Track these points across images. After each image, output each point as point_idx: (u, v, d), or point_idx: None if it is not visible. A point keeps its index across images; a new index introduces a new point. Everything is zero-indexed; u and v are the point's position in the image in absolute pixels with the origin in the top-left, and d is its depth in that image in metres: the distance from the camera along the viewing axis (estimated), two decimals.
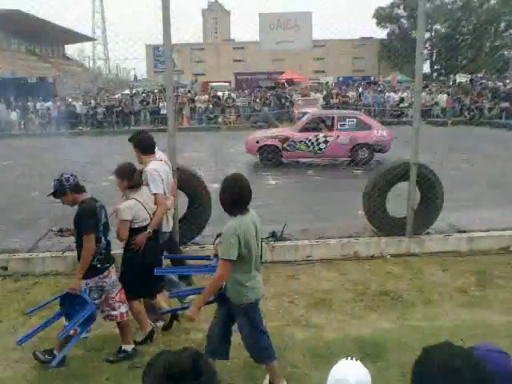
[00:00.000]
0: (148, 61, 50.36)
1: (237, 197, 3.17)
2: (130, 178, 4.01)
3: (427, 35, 60.78)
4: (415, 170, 6.07)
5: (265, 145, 13.16)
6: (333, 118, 13.22)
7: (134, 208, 3.97)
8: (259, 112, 24.81)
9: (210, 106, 25.64)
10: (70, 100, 26.58)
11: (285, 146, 12.99)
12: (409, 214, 6.21)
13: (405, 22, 62.75)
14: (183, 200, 6.23)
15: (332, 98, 26.85)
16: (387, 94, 26.89)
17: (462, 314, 4.61)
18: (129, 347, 3.98)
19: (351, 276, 5.55)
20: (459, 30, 60.67)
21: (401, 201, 6.37)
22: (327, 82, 40.28)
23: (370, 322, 4.51)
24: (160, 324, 4.45)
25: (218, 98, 26.76)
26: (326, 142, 12.73)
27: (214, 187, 9.83)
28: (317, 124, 13.35)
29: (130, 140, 4.56)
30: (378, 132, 12.74)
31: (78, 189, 3.71)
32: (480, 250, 6.21)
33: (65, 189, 3.64)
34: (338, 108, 23.83)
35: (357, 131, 12.70)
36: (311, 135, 12.82)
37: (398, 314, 4.63)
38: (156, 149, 4.64)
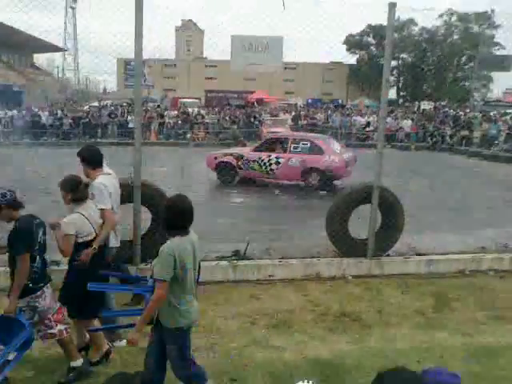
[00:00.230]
0: (119, 74, 49.98)
1: (177, 218, 3.15)
2: (75, 191, 3.90)
3: (394, 63, 62.92)
4: (377, 193, 6.17)
5: (221, 161, 13.16)
6: (287, 139, 13.12)
7: (78, 222, 3.86)
8: (228, 130, 24.92)
9: (179, 121, 25.59)
10: (36, 110, 26.02)
11: (239, 163, 12.95)
12: (370, 237, 6.31)
13: (374, 49, 64.66)
14: (147, 216, 6.13)
15: (300, 120, 27.23)
16: (354, 117, 27.48)
17: (419, 335, 4.68)
18: (77, 362, 3.84)
19: (313, 296, 5.57)
20: (425, 61, 63.02)
21: (363, 223, 6.47)
22: (296, 104, 40.85)
23: (330, 343, 4.52)
24: (118, 344, 4.34)
25: (188, 114, 26.75)
26: (277, 163, 12.58)
27: None
28: (273, 144, 13.24)
29: (77, 154, 4.46)
30: (330, 157, 12.35)
31: (15, 205, 3.58)
32: (438, 273, 6.36)
33: (0, 205, 3.52)
34: (306, 130, 24.22)
35: (308, 154, 12.48)
36: (264, 155, 12.70)
37: (358, 336, 4.66)
38: (104, 163, 4.56)
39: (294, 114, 29.07)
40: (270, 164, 12.61)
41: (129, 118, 24.35)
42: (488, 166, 18.32)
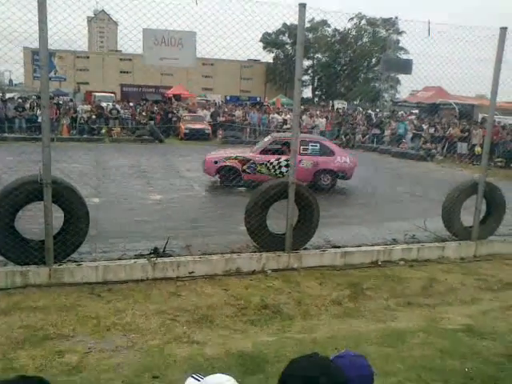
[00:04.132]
0: (27, 65, 46.95)
1: None
2: None
3: (309, 63, 64.92)
4: (293, 189, 6.33)
5: (223, 166, 12.49)
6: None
7: None
8: (145, 125, 24.33)
9: (93, 116, 24.55)
10: None
11: (244, 167, 12.43)
12: (288, 231, 6.46)
13: (289, 48, 66.17)
14: (59, 215, 5.82)
15: (219, 116, 27.23)
16: (271, 115, 27.96)
17: (337, 324, 4.88)
18: None
19: (233, 291, 5.60)
20: (338, 61, 65.61)
21: (281, 218, 6.61)
22: (214, 100, 40.78)
23: (252, 335, 4.57)
24: None
25: (102, 108, 25.73)
26: (287, 165, 11.69)
27: (94, 201, 9.44)
28: (279, 146, 12.75)
29: None
30: (341, 159, 12.62)
31: None
32: (353, 264, 6.66)
33: None
34: (224, 126, 24.33)
35: (320, 156, 12.50)
36: (273, 158, 12.36)
37: (278, 327, 4.75)
38: None
39: (212, 110, 28.98)
40: (280, 167, 12.29)
41: (38, 112, 22.95)
42: (396, 162, 19.47)
